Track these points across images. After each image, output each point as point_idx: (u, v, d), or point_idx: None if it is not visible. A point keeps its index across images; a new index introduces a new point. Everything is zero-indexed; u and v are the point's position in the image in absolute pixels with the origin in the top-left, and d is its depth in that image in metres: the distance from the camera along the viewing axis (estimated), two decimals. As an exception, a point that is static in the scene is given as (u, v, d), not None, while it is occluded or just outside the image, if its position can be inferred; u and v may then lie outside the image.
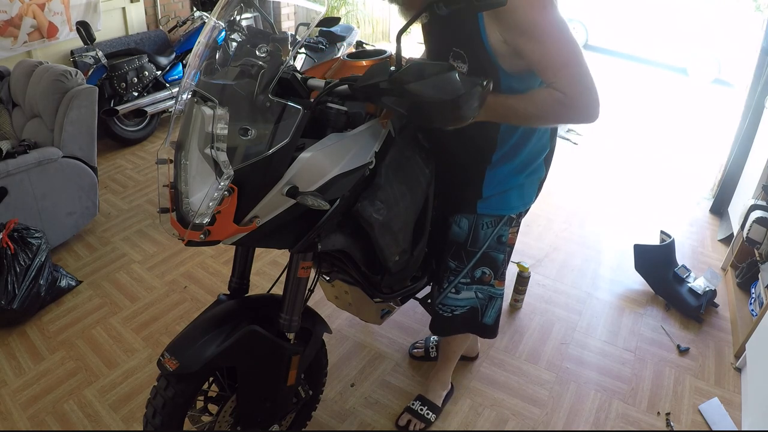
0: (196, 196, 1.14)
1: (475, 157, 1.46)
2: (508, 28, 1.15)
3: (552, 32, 1.14)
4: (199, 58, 1.22)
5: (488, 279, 1.57)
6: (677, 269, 2.54)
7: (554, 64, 1.15)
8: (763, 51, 2.97)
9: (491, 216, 1.50)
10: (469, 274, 1.57)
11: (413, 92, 1.09)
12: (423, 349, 2.15)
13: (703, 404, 1.98)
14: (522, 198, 1.52)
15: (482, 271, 1.56)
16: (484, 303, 1.61)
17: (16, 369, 2.07)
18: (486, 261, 1.55)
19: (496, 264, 1.55)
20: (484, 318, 1.63)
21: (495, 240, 1.52)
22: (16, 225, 2.29)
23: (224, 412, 1.43)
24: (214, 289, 2.52)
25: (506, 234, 1.52)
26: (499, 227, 1.51)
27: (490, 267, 1.55)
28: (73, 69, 2.71)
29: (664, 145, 4.36)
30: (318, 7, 1.51)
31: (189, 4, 4.65)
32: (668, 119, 5.00)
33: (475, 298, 1.60)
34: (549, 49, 1.14)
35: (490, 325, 1.65)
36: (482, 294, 1.60)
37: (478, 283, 1.58)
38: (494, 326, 1.66)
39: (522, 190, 1.50)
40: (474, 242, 1.53)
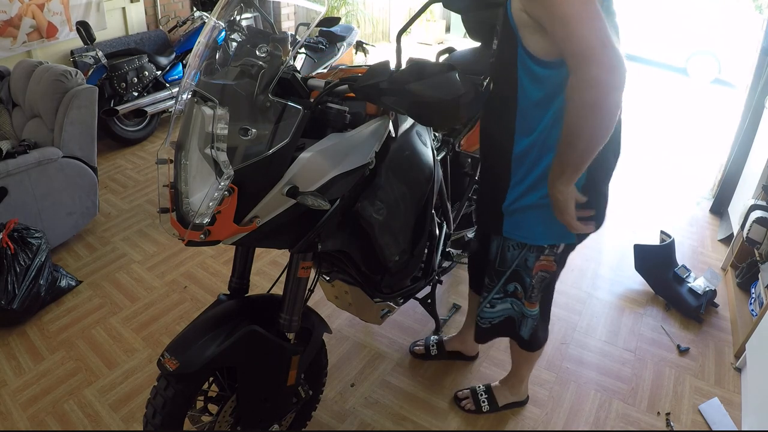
0: (196, 196, 1.14)
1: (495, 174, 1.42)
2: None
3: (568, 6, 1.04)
4: (199, 58, 1.22)
5: (520, 295, 1.56)
6: (677, 269, 2.54)
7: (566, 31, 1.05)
8: (763, 51, 2.97)
9: (515, 241, 1.47)
10: (502, 290, 1.57)
11: (413, 92, 1.09)
12: (423, 347, 2.15)
13: (703, 404, 1.98)
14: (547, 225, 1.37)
15: (514, 286, 1.55)
16: (519, 316, 1.61)
17: (16, 369, 2.07)
18: (516, 277, 1.53)
19: (525, 284, 1.53)
20: (520, 330, 1.63)
21: (522, 262, 1.49)
22: (16, 225, 2.29)
23: (224, 412, 1.43)
24: (214, 289, 2.52)
25: (531, 260, 1.47)
26: (524, 252, 1.47)
27: (519, 284, 1.53)
28: (73, 69, 2.71)
29: (664, 145, 4.36)
30: (318, 7, 1.51)
31: (189, 4, 4.65)
32: (668, 119, 5.00)
33: (511, 308, 1.60)
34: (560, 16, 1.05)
35: (526, 339, 1.64)
36: (516, 307, 1.59)
37: (511, 296, 1.57)
38: (531, 341, 1.65)
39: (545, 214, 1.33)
40: (502, 263, 1.52)
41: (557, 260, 1.49)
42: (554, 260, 1.48)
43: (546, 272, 1.51)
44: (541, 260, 1.47)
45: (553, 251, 1.46)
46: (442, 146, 2.01)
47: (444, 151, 1.99)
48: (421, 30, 7.12)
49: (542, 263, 1.48)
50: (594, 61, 1.02)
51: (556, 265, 1.50)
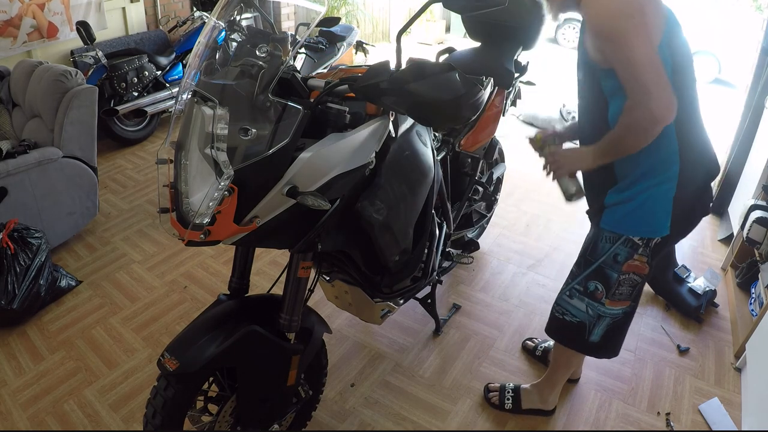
0: (196, 196, 1.14)
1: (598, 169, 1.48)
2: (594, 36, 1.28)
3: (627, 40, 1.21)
4: (199, 58, 1.23)
5: (599, 296, 1.54)
6: (677, 269, 2.54)
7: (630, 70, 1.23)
8: (763, 51, 2.97)
9: (611, 233, 1.49)
10: (583, 283, 1.57)
11: (413, 92, 1.09)
12: (534, 345, 2.19)
13: (703, 404, 1.98)
14: (646, 219, 1.45)
15: (595, 286, 1.55)
16: (593, 321, 1.59)
17: (16, 369, 2.07)
18: (599, 275, 1.53)
19: (609, 282, 1.52)
20: (590, 336, 1.60)
21: (611, 257, 1.50)
22: (16, 225, 2.29)
23: (224, 412, 1.43)
24: (214, 289, 2.52)
25: (623, 255, 1.48)
26: (616, 246, 1.48)
27: (602, 283, 1.53)
28: (73, 69, 2.71)
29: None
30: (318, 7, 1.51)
31: (189, 4, 4.65)
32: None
33: (585, 312, 1.59)
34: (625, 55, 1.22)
35: (596, 342, 1.61)
36: (592, 311, 1.57)
37: (590, 297, 1.56)
38: (601, 343, 1.62)
39: (649, 206, 1.43)
40: (593, 252, 1.54)
41: (650, 261, 1.50)
42: (647, 261, 1.49)
43: (638, 275, 1.51)
44: (635, 260, 1.48)
45: (646, 250, 1.47)
46: (442, 146, 2.01)
47: (444, 151, 1.99)
48: (421, 30, 7.13)
49: (635, 263, 1.49)
50: (647, 105, 1.22)
51: (649, 268, 1.51)
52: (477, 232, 2.75)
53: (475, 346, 2.22)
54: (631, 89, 1.25)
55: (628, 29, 1.21)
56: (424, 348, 2.21)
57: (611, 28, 1.23)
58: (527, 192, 3.44)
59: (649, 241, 1.47)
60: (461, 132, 2.10)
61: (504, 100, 2.29)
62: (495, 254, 2.81)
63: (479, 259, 2.75)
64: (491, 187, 2.47)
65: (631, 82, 1.24)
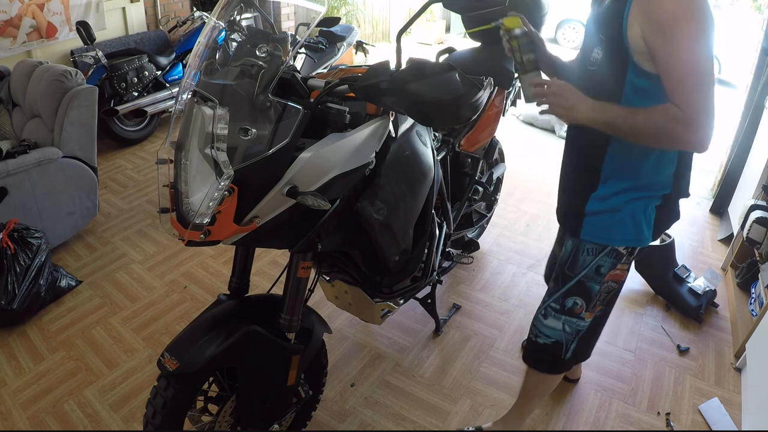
0: (196, 196, 1.14)
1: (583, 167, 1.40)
2: (648, 20, 1.12)
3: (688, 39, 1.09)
4: (199, 58, 1.23)
5: (578, 311, 1.47)
6: (677, 269, 2.54)
7: (679, 71, 1.10)
8: (763, 51, 2.97)
9: (593, 243, 1.40)
10: (560, 301, 1.48)
11: (413, 92, 1.09)
12: None
13: (703, 404, 1.98)
14: (632, 228, 1.36)
15: (574, 301, 1.46)
16: (570, 338, 1.51)
17: (16, 369, 2.07)
18: (580, 290, 1.45)
19: (590, 295, 1.45)
20: (566, 354, 1.53)
21: (593, 270, 1.42)
22: (16, 225, 2.29)
23: (224, 412, 1.43)
24: (214, 289, 2.52)
25: (606, 266, 1.41)
26: (599, 257, 1.40)
27: (583, 298, 1.45)
28: (73, 69, 2.71)
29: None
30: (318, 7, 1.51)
31: (189, 4, 4.65)
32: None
33: (562, 331, 1.51)
34: (679, 53, 1.09)
35: (569, 360, 1.55)
36: (570, 327, 1.50)
37: (567, 314, 1.48)
38: (573, 357, 1.55)
39: (637, 216, 1.35)
40: (572, 266, 1.45)
41: (629, 268, 1.45)
42: (627, 269, 1.45)
43: (616, 282, 1.45)
44: (617, 269, 1.41)
45: (629, 258, 1.41)
46: (442, 146, 2.01)
47: (444, 151, 1.99)
48: (421, 30, 7.13)
49: (616, 272, 1.42)
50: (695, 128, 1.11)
51: (626, 275, 1.46)
52: (477, 232, 2.75)
53: (475, 346, 2.22)
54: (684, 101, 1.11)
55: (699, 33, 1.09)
56: (424, 348, 2.21)
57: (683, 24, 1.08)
58: (527, 192, 3.44)
59: (633, 249, 1.40)
60: (461, 132, 2.10)
61: (504, 100, 2.29)
62: (495, 254, 2.81)
63: (479, 259, 2.75)
64: (491, 187, 2.47)
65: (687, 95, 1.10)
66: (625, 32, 1.17)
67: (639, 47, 1.17)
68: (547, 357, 1.56)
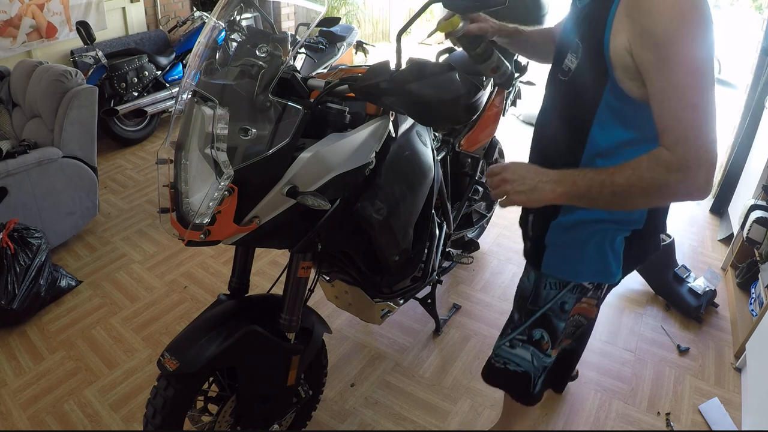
0: (196, 196, 1.14)
1: None
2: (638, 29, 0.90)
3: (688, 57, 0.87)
4: (199, 58, 1.23)
5: (545, 346, 1.33)
6: (677, 269, 2.54)
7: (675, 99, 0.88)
8: (763, 51, 2.97)
9: (556, 278, 1.26)
10: (527, 332, 1.35)
11: (413, 92, 1.09)
12: None
13: (703, 404, 1.98)
14: (597, 263, 1.19)
15: (541, 334, 1.33)
16: (537, 373, 1.39)
17: (16, 369, 2.07)
18: (545, 323, 1.31)
19: (555, 332, 1.31)
20: (535, 388, 1.42)
21: (557, 306, 1.28)
22: (16, 225, 2.29)
23: (224, 412, 1.43)
24: (214, 289, 2.52)
25: (570, 302, 1.27)
26: (563, 293, 1.26)
27: (548, 332, 1.32)
28: (73, 69, 2.71)
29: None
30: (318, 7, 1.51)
31: (189, 4, 4.65)
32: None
33: (531, 363, 1.37)
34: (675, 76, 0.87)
35: (537, 394, 1.44)
36: (537, 362, 1.37)
37: (535, 346, 1.35)
38: (539, 396, 1.46)
39: (602, 250, 1.17)
40: (535, 300, 1.31)
41: (598, 304, 1.32)
42: (596, 304, 1.31)
43: (584, 317, 1.32)
44: (582, 303, 1.28)
45: (596, 293, 1.27)
46: (442, 146, 2.01)
47: (444, 151, 1.99)
48: (421, 30, 7.13)
49: (582, 306, 1.29)
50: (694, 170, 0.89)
51: (596, 311, 1.33)
52: (477, 232, 2.75)
53: (475, 346, 2.22)
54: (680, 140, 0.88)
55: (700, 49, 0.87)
56: (424, 348, 2.21)
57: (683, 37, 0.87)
58: (527, 192, 3.43)
59: (600, 284, 1.26)
60: (461, 132, 2.10)
61: (504, 100, 2.29)
62: (495, 254, 2.81)
63: (479, 259, 2.75)
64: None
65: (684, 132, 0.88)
66: (607, 41, 0.95)
67: (623, 61, 0.95)
68: (516, 383, 1.44)
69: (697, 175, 0.89)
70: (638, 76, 0.94)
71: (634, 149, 1.00)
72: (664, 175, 0.90)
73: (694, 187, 0.90)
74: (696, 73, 0.88)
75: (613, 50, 0.96)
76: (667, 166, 0.90)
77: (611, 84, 0.99)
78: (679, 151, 0.89)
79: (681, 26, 0.87)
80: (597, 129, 1.06)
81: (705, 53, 0.88)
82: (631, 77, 0.96)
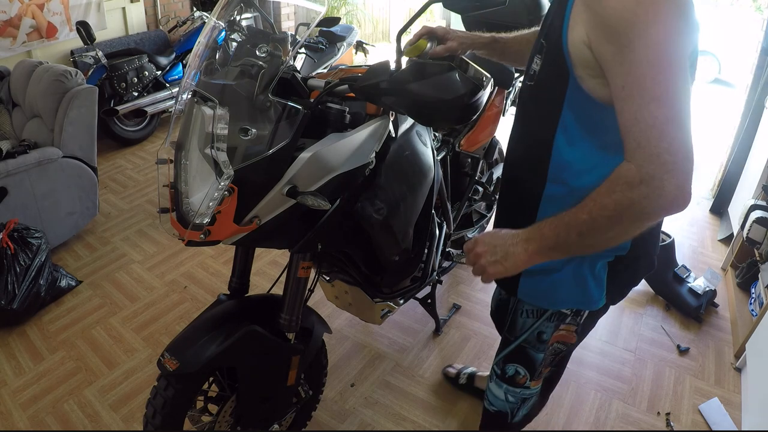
0: (196, 196, 1.14)
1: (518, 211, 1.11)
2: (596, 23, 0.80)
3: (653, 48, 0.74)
4: (199, 58, 1.22)
5: (522, 381, 1.24)
6: (677, 269, 2.54)
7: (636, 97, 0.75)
8: (763, 51, 2.97)
9: (532, 305, 1.16)
10: (501, 366, 1.25)
11: (413, 92, 1.09)
12: (456, 372, 2.01)
13: (703, 404, 1.98)
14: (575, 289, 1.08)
15: (515, 370, 1.23)
16: (515, 407, 1.30)
17: (16, 369, 2.07)
18: (521, 357, 1.21)
19: (533, 365, 1.21)
20: (514, 418, 1.33)
21: (534, 335, 1.17)
22: (16, 225, 2.29)
23: (224, 412, 1.43)
24: (214, 289, 2.52)
25: (548, 332, 1.16)
26: (541, 321, 1.15)
27: (525, 366, 1.22)
28: (73, 69, 2.71)
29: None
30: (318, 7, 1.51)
31: (189, 4, 4.65)
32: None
33: (505, 401, 1.29)
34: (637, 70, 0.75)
35: (519, 421, 1.35)
36: (513, 397, 1.28)
37: (508, 382, 1.25)
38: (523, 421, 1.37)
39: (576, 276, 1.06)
40: (511, 329, 1.22)
41: (579, 331, 1.19)
42: (576, 330, 1.19)
43: (563, 344, 1.21)
44: (561, 330, 1.17)
45: (576, 320, 1.16)
46: (442, 146, 2.01)
47: (444, 151, 1.99)
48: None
49: (561, 333, 1.18)
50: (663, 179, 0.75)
51: (577, 337, 1.21)
52: (477, 232, 2.74)
53: (475, 346, 2.22)
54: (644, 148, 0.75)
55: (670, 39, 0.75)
56: (424, 348, 2.21)
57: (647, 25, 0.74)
58: (527, 192, 3.44)
59: (579, 311, 1.15)
60: (461, 132, 2.10)
61: (504, 100, 2.29)
62: (495, 254, 2.81)
63: (479, 259, 2.74)
64: (491, 187, 2.47)
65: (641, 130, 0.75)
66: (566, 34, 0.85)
67: (582, 57, 0.84)
68: (493, 423, 1.36)
69: (664, 183, 0.74)
70: (601, 74, 0.83)
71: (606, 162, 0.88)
72: (626, 193, 0.77)
73: (664, 199, 0.76)
74: (660, 62, 0.74)
75: (571, 44, 0.85)
76: (628, 182, 0.77)
77: (572, 84, 0.88)
78: (638, 159, 0.76)
79: (640, 8, 0.75)
80: (561, 138, 0.95)
81: (673, 38, 0.75)
82: (593, 74, 0.85)
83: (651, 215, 0.79)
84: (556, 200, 1.01)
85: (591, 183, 0.88)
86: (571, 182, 0.98)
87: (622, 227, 0.82)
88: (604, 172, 0.83)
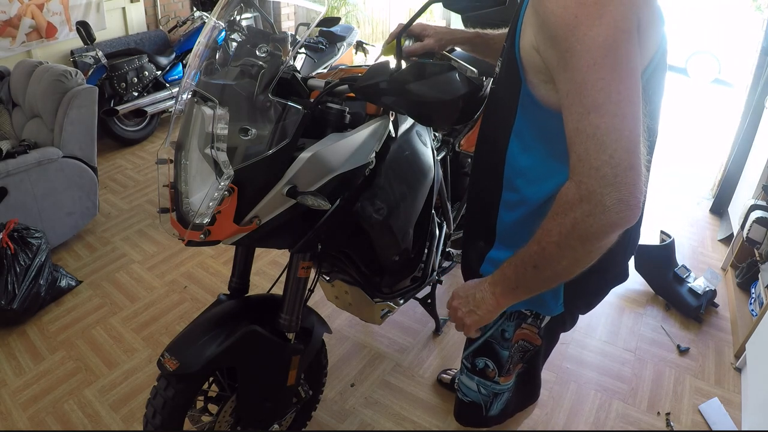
0: (196, 196, 1.14)
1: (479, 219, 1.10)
2: (540, 26, 0.76)
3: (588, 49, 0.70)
4: (199, 58, 1.22)
5: (491, 374, 1.23)
6: (677, 269, 2.54)
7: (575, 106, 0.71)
8: (763, 51, 2.97)
9: None
10: (470, 360, 1.25)
11: (413, 92, 1.09)
12: (450, 378, 2.02)
13: (703, 404, 1.98)
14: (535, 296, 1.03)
15: (485, 363, 1.22)
16: (488, 399, 1.29)
17: (16, 369, 2.07)
18: (488, 351, 1.20)
19: (500, 360, 1.20)
20: (489, 411, 1.31)
21: (498, 333, 1.17)
22: (16, 225, 2.29)
23: (224, 412, 1.43)
24: (214, 289, 2.52)
25: (510, 330, 1.15)
26: (501, 321, 1.15)
27: (493, 360, 1.21)
28: (73, 69, 2.71)
29: (664, 145, 4.36)
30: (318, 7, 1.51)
31: (189, 4, 4.65)
32: (668, 119, 4.99)
33: (477, 392, 1.28)
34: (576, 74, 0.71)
35: (496, 415, 1.32)
36: (485, 390, 1.27)
37: (480, 375, 1.25)
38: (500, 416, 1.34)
39: None
40: None
41: (543, 335, 1.17)
42: (538, 333, 1.16)
43: (529, 343, 1.19)
44: (523, 329, 1.15)
45: (536, 322, 1.14)
46: (442, 146, 2.01)
47: (444, 151, 1.99)
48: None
49: (524, 332, 1.16)
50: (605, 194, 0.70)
51: (542, 340, 1.19)
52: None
53: (475, 346, 2.22)
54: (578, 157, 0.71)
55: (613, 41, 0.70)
56: (424, 348, 2.21)
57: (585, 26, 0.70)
58: (527, 192, 3.43)
59: (539, 314, 1.13)
60: (461, 132, 2.10)
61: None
62: (495, 254, 2.81)
63: (479, 259, 2.74)
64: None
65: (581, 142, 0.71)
66: (518, 39, 0.82)
67: (532, 62, 0.81)
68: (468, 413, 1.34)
69: (604, 199, 0.69)
70: (552, 80, 0.78)
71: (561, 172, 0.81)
72: (568, 213, 0.72)
73: (607, 216, 0.70)
74: (602, 67, 0.69)
75: (522, 49, 0.81)
76: (568, 201, 0.72)
77: (524, 90, 0.85)
78: (579, 174, 0.71)
79: (582, 10, 0.70)
80: (515, 144, 0.92)
81: (618, 39, 0.69)
82: (545, 80, 0.81)
83: (598, 235, 0.72)
84: (512, 208, 0.98)
85: (546, 193, 0.86)
86: (523, 190, 0.94)
87: (573, 253, 0.76)
88: (559, 181, 0.78)
